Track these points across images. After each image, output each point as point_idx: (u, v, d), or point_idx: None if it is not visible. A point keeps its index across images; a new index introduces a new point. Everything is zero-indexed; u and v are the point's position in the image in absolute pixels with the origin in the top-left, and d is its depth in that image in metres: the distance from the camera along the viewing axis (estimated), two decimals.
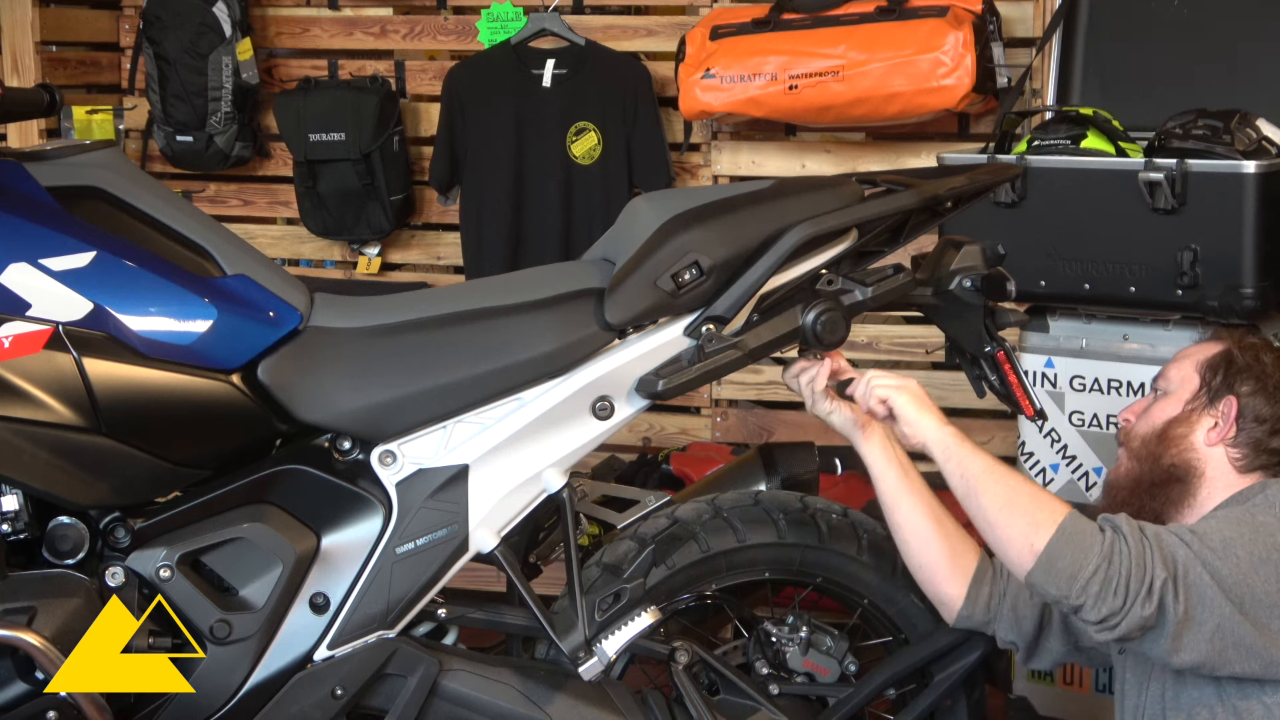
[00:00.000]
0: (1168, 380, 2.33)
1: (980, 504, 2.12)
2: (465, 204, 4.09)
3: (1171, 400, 2.29)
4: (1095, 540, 2.01)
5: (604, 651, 2.22)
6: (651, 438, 4.08)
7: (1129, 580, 1.98)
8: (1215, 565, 2.01)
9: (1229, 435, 2.23)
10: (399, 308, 2.26)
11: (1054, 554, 2.02)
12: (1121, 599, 1.98)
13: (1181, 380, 2.30)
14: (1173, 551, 2.02)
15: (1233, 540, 2.04)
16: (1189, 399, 2.27)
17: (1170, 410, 2.28)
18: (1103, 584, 1.98)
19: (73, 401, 2.07)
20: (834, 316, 2.24)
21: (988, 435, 3.86)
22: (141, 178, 2.26)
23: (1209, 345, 2.34)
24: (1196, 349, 2.35)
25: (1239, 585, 2.01)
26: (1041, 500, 2.09)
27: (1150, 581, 1.98)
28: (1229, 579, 2.01)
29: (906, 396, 2.22)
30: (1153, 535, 2.03)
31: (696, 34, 3.74)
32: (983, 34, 3.53)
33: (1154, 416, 2.30)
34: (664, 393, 2.20)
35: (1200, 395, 2.27)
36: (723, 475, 2.64)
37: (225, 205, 4.39)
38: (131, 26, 4.32)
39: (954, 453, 2.16)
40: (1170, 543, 2.03)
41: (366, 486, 2.22)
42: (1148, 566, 1.99)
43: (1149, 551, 2.00)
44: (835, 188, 2.29)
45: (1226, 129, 2.86)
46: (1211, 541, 2.04)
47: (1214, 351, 2.31)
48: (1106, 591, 1.98)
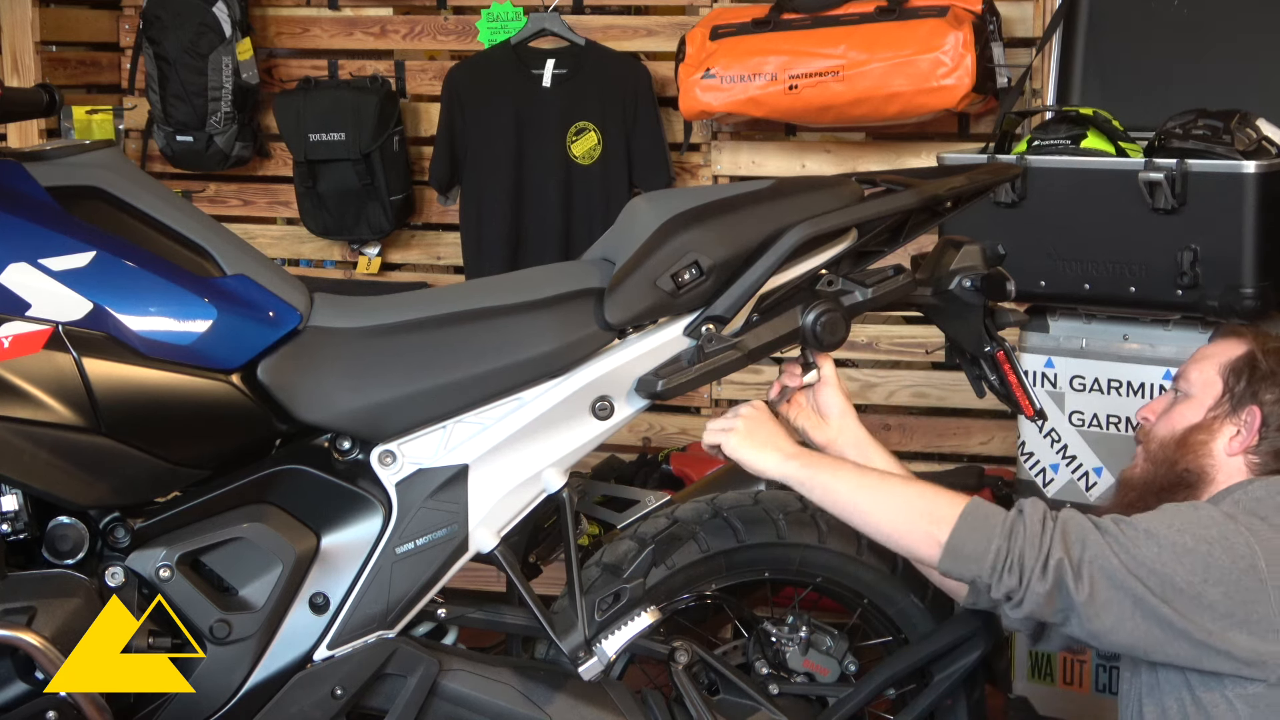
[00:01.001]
0: (1189, 382, 2.30)
1: (868, 522, 2.13)
2: (465, 204, 4.09)
3: (1193, 405, 2.27)
4: (996, 522, 2.05)
5: (604, 651, 2.22)
6: (651, 438, 4.09)
7: (1023, 557, 2.02)
8: (1131, 551, 2.02)
9: (1251, 444, 2.22)
10: (399, 308, 2.26)
11: (958, 541, 2.05)
12: (1017, 576, 2.02)
13: (1204, 384, 2.27)
14: (1081, 536, 2.03)
15: (1156, 530, 2.05)
16: (1211, 405, 2.25)
17: (1192, 416, 2.26)
18: (1003, 562, 2.03)
19: (73, 401, 2.07)
20: (834, 317, 2.24)
21: (988, 435, 3.86)
22: (141, 178, 2.26)
23: (1230, 345, 2.30)
24: (1218, 349, 2.31)
25: (1155, 573, 2.01)
26: (934, 494, 2.11)
27: (1045, 559, 2.01)
28: (1144, 565, 2.01)
29: (735, 438, 2.20)
30: (1061, 519, 2.05)
31: (696, 34, 3.74)
32: (983, 34, 3.54)
33: (1174, 420, 2.28)
34: (664, 393, 2.20)
35: (1223, 402, 2.24)
36: (723, 475, 2.65)
37: (225, 205, 4.39)
38: (131, 26, 4.32)
39: (811, 483, 2.16)
40: (1080, 528, 2.04)
41: (366, 486, 2.22)
42: (1043, 545, 2.02)
43: (1049, 531, 2.03)
44: (835, 188, 2.28)
45: (1226, 129, 2.86)
46: (1133, 530, 2.05)
47: (1237, 354, 2.27)
48: (1004, 569, 2.03)
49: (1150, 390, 2.96)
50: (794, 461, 2.17)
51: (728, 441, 2.21)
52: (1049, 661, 3.13)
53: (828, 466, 2.17)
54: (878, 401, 3.96)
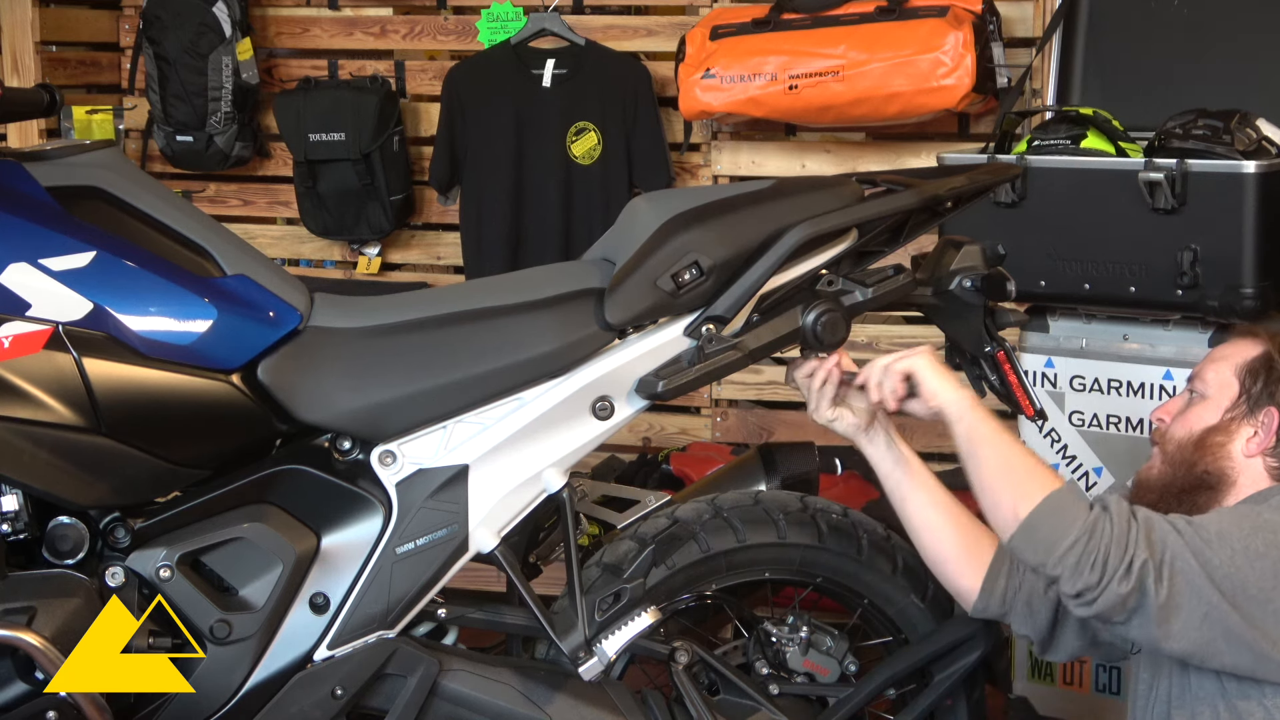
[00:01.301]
0: (1205, 383, 2.28)
1: (978, 465, 2.13)
2: (465, 204, 4.09)
3: (1209, 406, 2.25)
4: (1080, 515, 2.02)
5: (604, 651, 2.22)
6: (651, 438, 4.09)
7: (1108, 556, 1.99)
8: (1206, 555, 2.01)
9: (1269, 446, 2.20)
10: (399, 308, 2.26)
11: (1035, 522, 2.04)
12: (1099, 574, 1.99)
13: (1220, 385, 2.25)
14: (1162, 536, 2.02)
15: (1229, 533, 2.03)
16: (1228, 407, 2.23)
17: (1208, 417, 2.24)
18: (1080, 557, 2.00)
19: (73, 401, 2.07)
20: (834, 317, 2.24)
21: None
22: (141, 178, 2.26)
23: (1246, 345, 2.29)
24: (1234, 349, 2.29)
25: (1230, 577, 2.00)
26: (1036, 472, 2.10)
27: (1130, 560, 1.99)
28: (1220, 569, 2.00)
29: (925, 361, 2.22)
30: (1143, 519, 2.03)
31: (696, 34, 3.74)
32: (983, 34, 3.54)
33: (1191, 422, 2.26)
34: (664, 394, 2.20)
35: (1240, 404, 2.22)
36: (723, 475, 2.64)
37: (225, 205, 4.39)
38: (131, 26, 4.32)
39: (966, 415, 2.16)
40: (1161, 528, 2.03)
41: (366, 486, 2.22)
42: (1129, 546, 2.00)
43: (1134, 532, 2.01)
44: (835, 188, 2.29)
45: (1226, 129, 2.86)
46: (1206, 532, 2.03)
47: (1253, 355, 2.25)
48: (1084, 565, 2.00)
49: (1150, 390, 2.96)
50: (966, 392, 2.20)
51: (920, 363, 2.21)
52: (1049, 662, 3.13)
53: (984, 410, 2.18)
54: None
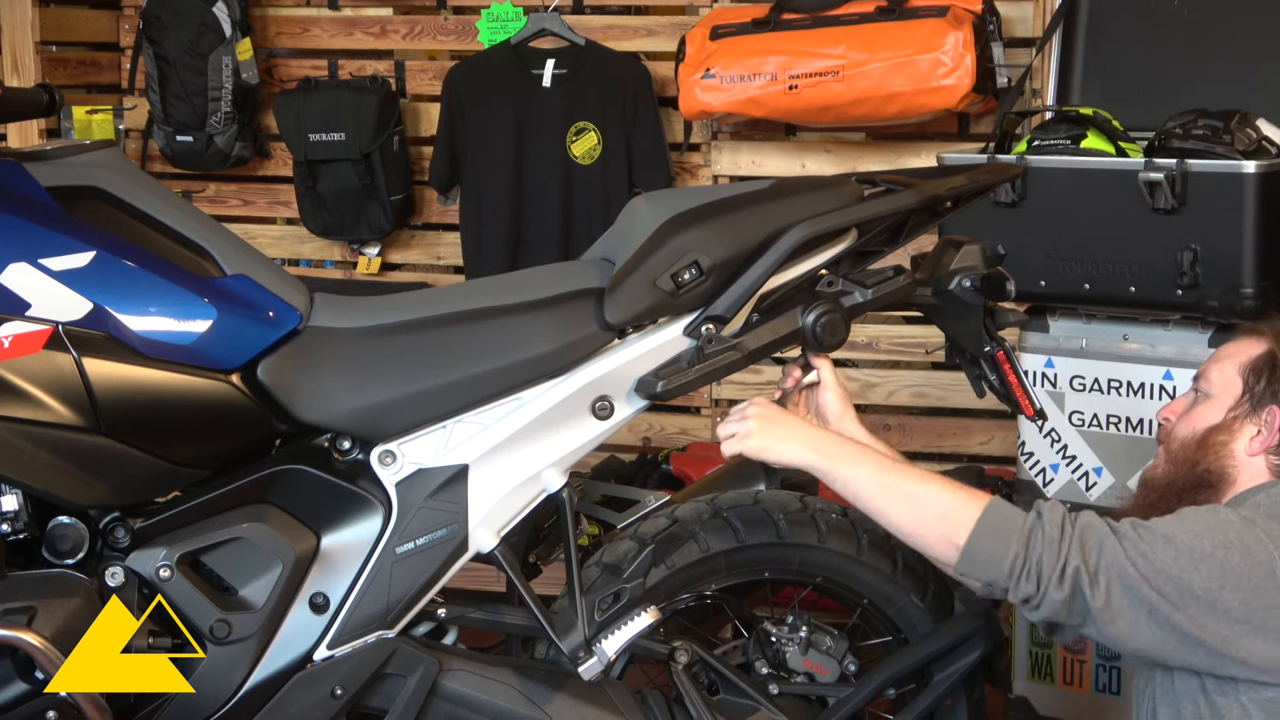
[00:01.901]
0: (1209, 382, 2.28)
1: (887, 520, 2.13)
2: (465, 204, 4.09)
3: (1213, 405, 2.25)
4: (1015, 526, 2.05)
5: (604, 651, 2.22)
6: (651, 438, 4.09)
7: (1040, 564, 2.02)
8: (1149, 557, 2.01)
9: (1272, 444, 2.20)
10: (399, 308, 2.26)
11: (975, 546, 2.06)
12: (1035, 583, 2.03)
13: (1224, 384, 2.25)
14: (1099, 541, 2.03)
15: (1175, 535, 2.04)
16: (1231, 405, 2.23)
17: (1212, 416, 2.24)
18: (1020, 569, 2.03)
19: (72, 401, 2.07)
20: (834, 318, 2.24)
21: (988, 435, 3.86)
22: (141, 178, 2.26)
23: (1251, 343, 2.28)
24: (1238, 347, 2.29)
25: (1172, 579, 2.00)
26: (952, 494, 2.10)
27: (1063, 567, 2.02)
28: (1162, 571, 2.01)
29: (755, 441, 2.18)
30: (1080, 525, 2.05)
31: (696, 34, 3.74)
32: (983, 34, 3.54)
33: (1194, 421, 2.26)
34: (663, 394, 2.20)
35: (1243, 402, 2.23)
36: (723, 475, 2.64)
37: (225, 205, 4.39)
38: (131, 26, 4.32)
39: (832, 475, 2.15)
40: (1098, 533, 2.04)
41: (366, 486, 2.22)
42: (1061, 552, 2.02)
43: (1066, 539, 2.03)
44: (835, 188, 2.29)
45: (1226, 129, 2.86)
46: (1151, 535, 2.04)
47: (1257, 353, 2.25)
48: (1022, 575, 2.03)
49: (1150, 390, 2.96)
50: (816, 454, 2.16)
51: (747, 445, 2.19)
52: (1049, 661, 3.13)
53: (849, 460, 2.15)
54: (878, 401, 3.95)
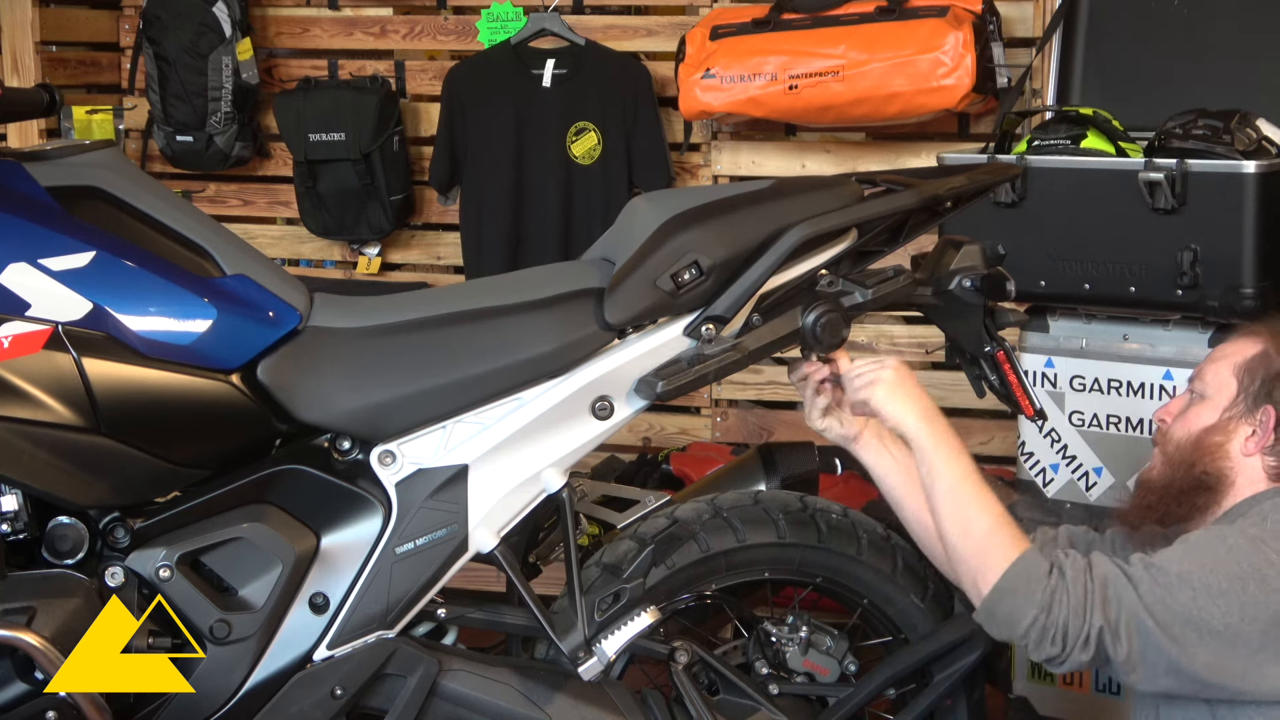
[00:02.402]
0: (1204, 383, 2.27)
1: (941, 525, 2.14)
2: (465, 204, 4.09)
3: (1208, 406, 2.24)
4: (1036, 589, 2.02)
5: (604, 651, 2.22)
6: (651, 438, 4.08)
7: (1066, 629, 2.01)
8: (1166, 603, 2.00)
9: (1267, 444, 2.20)
10: (399, 308, 2.26)
11: (994, 602, 2.05)
12: (1059, 646, 2.02)
13: (1219, 385, 2.24)
14: (1118, 594, 2.02)
15: (1190, 573, 2.02)
16: (1226, 406, 2.22)
17: (1207, 417, 2.23)
18: (1040, 632, 2.02)
19: (72, 401, 2.07)
20: (834, 318, 2.24)
21: (988, 435, 3.86)
22: (141, 178, 2.26)
23: (1246, 343, 2.27)
24: (1234, 347, 2.28)
25: (1192, 620, 1.99)
26: (996, 536, 2.08)
27: (1087, 632, 2.01)
28: (1181, 614, 2.00)
29: (883, 391, 2.19)
30: (1099, 579, 2.03)
31: (696, 34, 3.74)
32: (983, 34, 3.54)
33: (1190, 422, 2.25)
34: (663, 394, 2.20)
35: (1238, 402, 2.22)
36: (723, 475, 2.64)
37: (225, 205, 4.39)
38: (131, 26, 4.32)
39: (930, 456, 2.15)
40: (1117, 585, 2.02)
41: (366, 486, 2.22)
42: (1085, 615, 2.01)
43: (1089, 599, 2.02)
44: (835, 188, 2.29)
45: (1226, 129, 2.86)
46: (1166, 576, 2.02)
47: (1252, 353, 2.24)
48: (1044, 640, 2.02)
49: (1150, 390, 2.96)
50: (928, 427, 2.16)
51: (875, 392, 2.19)
52: None
53: (950, 450, 2.14)
54: None
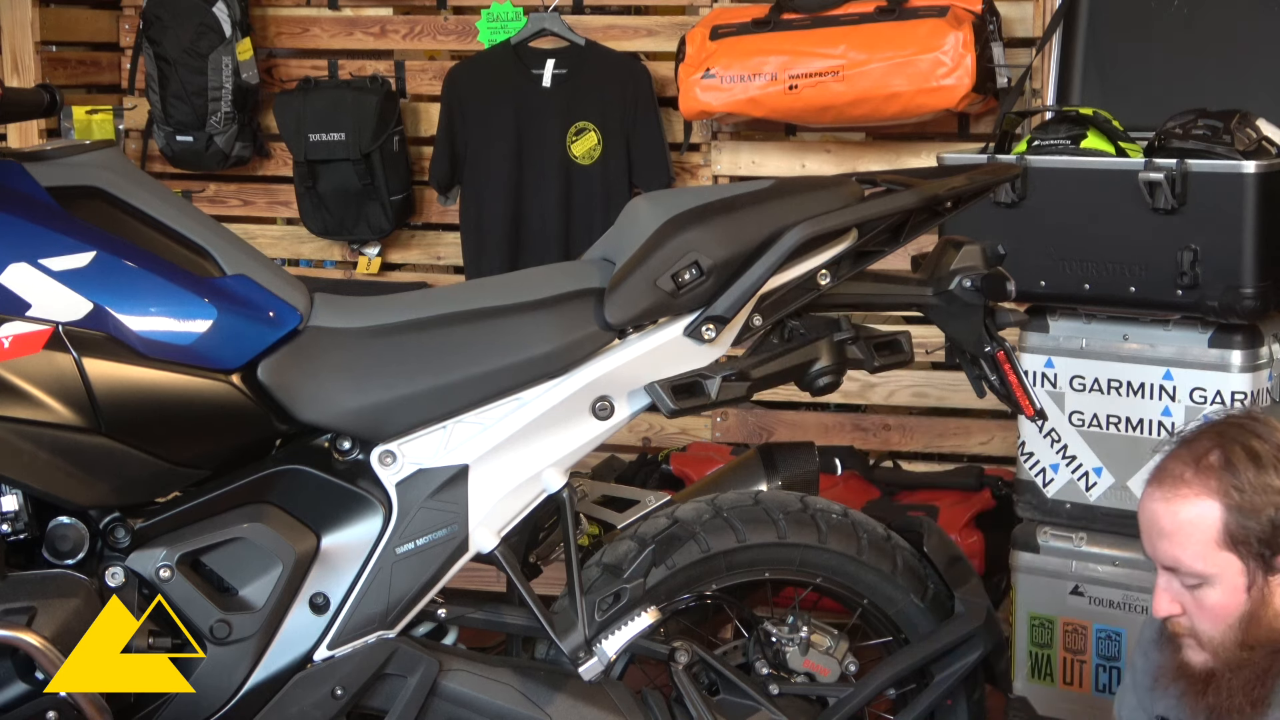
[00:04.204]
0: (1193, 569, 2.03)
1: None
2: (465, 204, 4.09)
3: (1225, 591, 2.02)
4: None
5: (604, 651, 2.22)
6: (651, 438, 4.08)
7: None
8: None
9: None
10: (399, 308, 2.26)
11: None
12: None
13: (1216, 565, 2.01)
14: None
15: None
16: (1245, 584, 2.01)
17: (1234, 602, 2.01)
18: None
19: (73, 401, 2.07)
20: (837, 381, 2.29)
21: (988, 435, 3.86)
22: (141, 178, 2.26)
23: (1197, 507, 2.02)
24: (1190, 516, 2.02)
25: None
26: None
27: None
28: None
29: None
30: None
31: (696, 34, 3.74)
32: (983, 34, 3.54)
33: (1218, 613, 2.03)
34: (675, 414, 2.22)
35: (1253, 570, 2.00)
36: (723, 475, 2.64)
37: (225, 205, 4.39)
38: (131, 26, 4.31)
39: None
40: None
41: (366, 486, 2.22)
42: None
43: None
44: (835, 187, 2.29)
45: (1226, 129, 2.86)
46: None
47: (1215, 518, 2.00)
48: None
49: (1150, 390, 2.96)
50: None
51: None
52: (1049, 661, 3.13)
53: None
54: (878, 401, 3.95)
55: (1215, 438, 2.05)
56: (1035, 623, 3.12)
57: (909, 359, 2.35)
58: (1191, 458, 2.04)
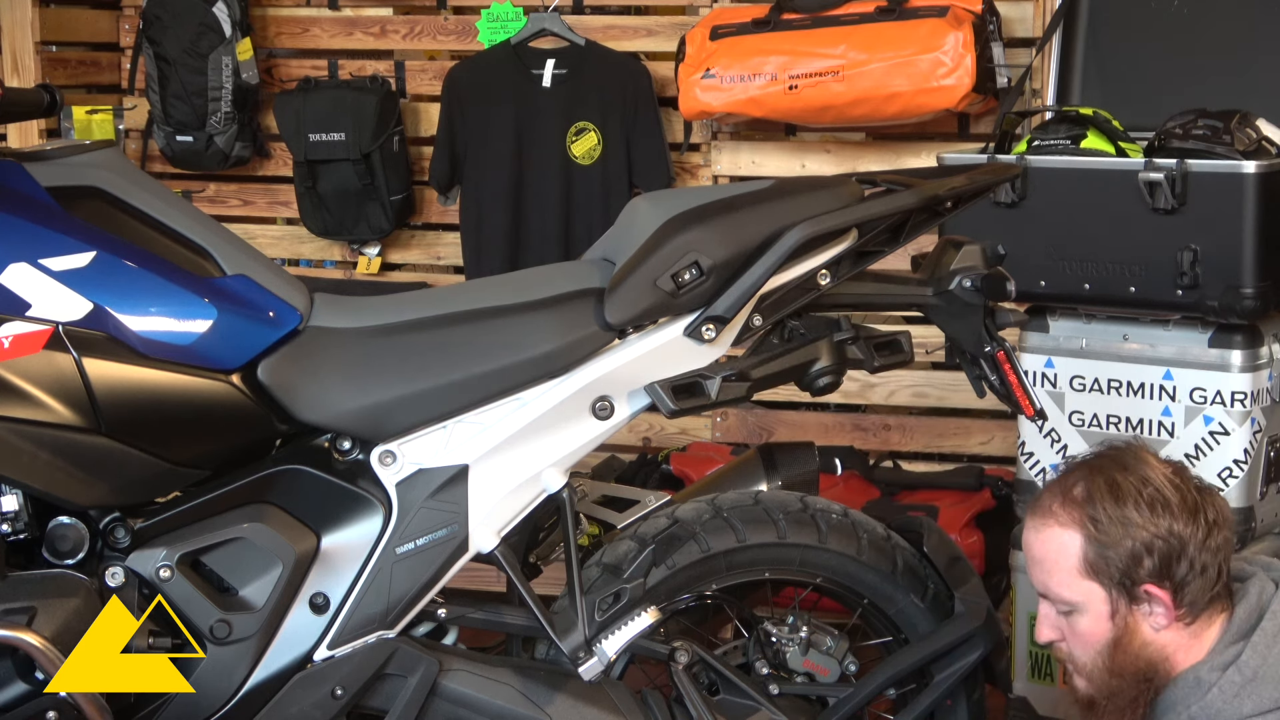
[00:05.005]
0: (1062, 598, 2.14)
1: None
2: (465, 204, 4.09)
3: (1091, 618, 2.12)
4: None
5: (604, 651, 2.22)
6: (651, 438, 4.08)
7: None
8: None
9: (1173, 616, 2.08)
10: (399, 308, 2.26)
11: None
12: None
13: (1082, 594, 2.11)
14: None
15: None
16: (1108, 612, 2.10)
17: (1101, 630, 2.12)
18: None
19: (73, 401, 2.07)
20: (837, 381, 2.29)
21: (988, 435, 3.86)
22: (141, 178, 2.27)
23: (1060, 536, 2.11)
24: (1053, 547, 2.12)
25: None
26: None
27: None
28: None
29: None
30: None
31: (696, 34, 3.74)
32: (983, 34, 3.54)
33: (1087, 640, 2.13)
34: (675, 414, 2.22)
35: (1116, 600, 2.10)
36: (723, 475, 2.64)
37: (225, 205, 4.39)
38: (131, 26, 4.32)
39: None
40: None
41: (366, 486, 2.22)
42: None
43: None
44: (835, 188, 2.29)
45: (1226, 129, 2.86)
46: None
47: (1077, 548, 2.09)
48: None
49: (1150, 390, 2.96)
50: None
51: None
52: (1049, 661, 3.13)
53: None
54: (878, 401, 3.95)
55: (1085, 470, 2.15)
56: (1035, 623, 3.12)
57: (909, 359, 2.35)
58: (1060, 490, 2.15)
